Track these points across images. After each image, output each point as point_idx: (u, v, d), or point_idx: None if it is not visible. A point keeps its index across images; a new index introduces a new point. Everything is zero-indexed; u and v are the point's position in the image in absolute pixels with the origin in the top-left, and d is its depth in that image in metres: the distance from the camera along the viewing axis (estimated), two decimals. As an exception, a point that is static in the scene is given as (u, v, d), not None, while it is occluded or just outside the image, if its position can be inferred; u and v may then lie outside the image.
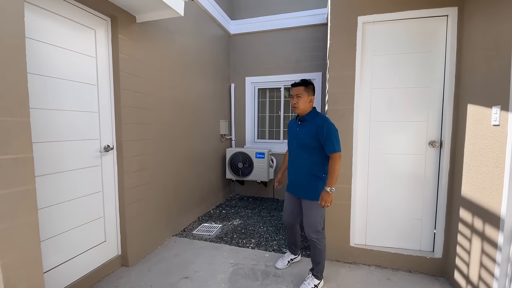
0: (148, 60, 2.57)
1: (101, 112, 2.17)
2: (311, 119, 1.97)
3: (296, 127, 2.06)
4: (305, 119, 2.00)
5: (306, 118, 1.99)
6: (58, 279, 1.84)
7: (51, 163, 1.79)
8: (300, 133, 2.00)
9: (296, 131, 2.05)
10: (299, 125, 2.04)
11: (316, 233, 1.96)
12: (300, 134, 2.00)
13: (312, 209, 1.95)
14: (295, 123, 2.10)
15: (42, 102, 1.71)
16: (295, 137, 2.04)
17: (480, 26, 1.87)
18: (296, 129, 2.05)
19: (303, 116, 2.01)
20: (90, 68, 2.07)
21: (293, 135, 2.07)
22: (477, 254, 1.82)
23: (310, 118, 1.98)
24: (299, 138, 1.99)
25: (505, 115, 1.58)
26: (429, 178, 2.29)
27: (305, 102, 1.96)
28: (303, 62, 4.24)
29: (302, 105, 1.96)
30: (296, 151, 2.04)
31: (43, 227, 1.72)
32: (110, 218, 2.29)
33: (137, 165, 2.44)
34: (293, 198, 2.14)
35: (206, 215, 3.70)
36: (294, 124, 2.11)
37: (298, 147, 2.01)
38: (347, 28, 2.31)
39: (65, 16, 1.87)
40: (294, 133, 2.06)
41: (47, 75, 1.74)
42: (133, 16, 2.34)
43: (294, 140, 2.05)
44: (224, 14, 4.25)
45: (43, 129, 1.73)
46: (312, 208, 1.95)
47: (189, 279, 2.18)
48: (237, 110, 4.66)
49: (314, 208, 1.94)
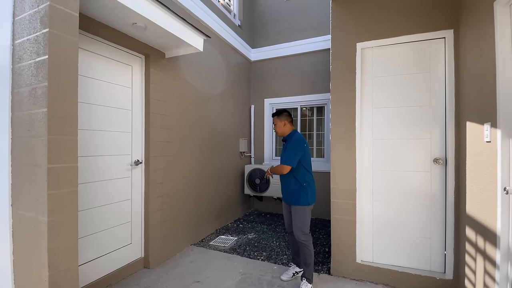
0: (175, 87, 3.01)
1: (134, 132, 2.60)
2: (288, 139, 2.39)
3: (283, 146, 2.48)
4: (286, 139, 2.42)
5: (287, 138, 2.42)
6: (90, 273, 2.18)
7: (92, 173, 2.20)
8: (283, 151, 2.41)
9: (283, 149, 2.45)
10: (283, 144, 2.47)
11: (305, 235, 2.23)
12: (283, 151, 2.41)
13: (298, 213, 2.26)
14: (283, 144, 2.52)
15: (87, 124, 2.16)
16: (282, 155, 2.41)
17: (472, 47, 1.95)
18: (283, 148, 2.45)
19: (284, 137, 2.44)
20: (126, 96, 2.53)
21: (282, 153, 2.45)
22: (481, 274, 1.77)
23: (289, 138, 2.39)
24: (283, 155, 2.38)
25: (495, 131, 1.62)
26: (436, 195, 2.28)
27: (281, 127, 2.42)
28: (319, 83, 4.45)
29: (279, 129, 2.44)
30: None
31: (81, 226, 2.10)
32: (136, 223, 2.63)
33: (161, 177, 2.81)
34: (287, 206, 2.43)
35: (224, 228, 3.92)
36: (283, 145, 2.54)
37: (283, 162, 2.34)
38: (347, 54, 2.51)
39: (109, 57, 2.36)
40: (282, 152, 2.45)
41: (92, 103, 2.21)
42: (162, 52, 2.82)
43: (282, 157, 2.41)
44: (245, 44, 4.70)
45: (86, 146, 2.16)
46: (298, 212, 2.25)
47: (200, 283, 2.39)
48: (257, 129, 4.96)
49: (300, 212, 2.25)
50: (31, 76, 1.57)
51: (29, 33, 1.59)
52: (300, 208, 2.25)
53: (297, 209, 2.26)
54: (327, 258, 2.86)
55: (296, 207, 2.26)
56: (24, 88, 1.60)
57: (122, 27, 2.25)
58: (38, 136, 1.51)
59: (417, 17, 2.30)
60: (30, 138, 1.55)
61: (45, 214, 1.46)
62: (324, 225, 4.05)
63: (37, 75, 1.54)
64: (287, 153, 2.27)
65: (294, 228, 2.27)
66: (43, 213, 1.46)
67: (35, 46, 1.56)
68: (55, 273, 1.49)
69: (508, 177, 1.53)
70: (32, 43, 1.58)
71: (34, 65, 1.56)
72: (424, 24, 2.28)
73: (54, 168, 1.49)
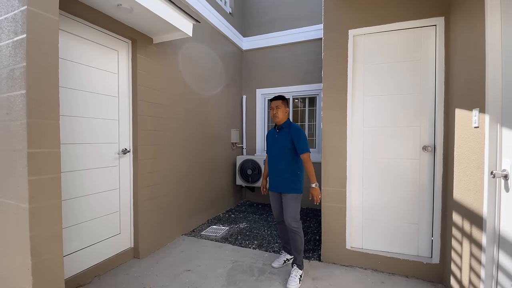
0: (163, 75, 2.92)
1: (121, 120, 2.52)
2: (287, 127, 2.34)
3: (275, 134, 2.41)
4: (283, 127, 2.35)
5: (284, 126, 2.35)
6: (77, 263, 2.13)
7: (77, 161, 2.13)
8: (279, 139, 2.35)
9: (275, 137, 2.40)
10: (277, 133, 2.38)
11: (296, 222, 2.22)
12: (279, 139, 2.35)
13: (291, 201, 2.23)
14: (274, 132, 2.45)
15: (71, 110, 2.08)
16: (275, 143, 2.38)
17: (463, 34, 1.95)
18: (275, 136, 2.40)
19: (280, 125, 2.36)
20: (112, 82, 2.44)
21: (273, 141, 2.42)
22: (467, 257, 1.82)
23: (286, 126, 2.34)
24: (279, 143, 2.34)
25: (483, 117, 1.64)
26: (424, 182, 2.31)
27: (283, 113, 2.35)
28: (311, 73, 4.43)
29: (281, 115, 2.33)
30: (276, 154, 2.36)
31: (67, 215, 2.04)
32: (125, 213, 2.58)
33: (150, 167, 2.75)
34: (277, 195, 2.39)
35: (216, 218, 3.91)
36: (273, 133, 2.47)
37: (278, 150, 2.34)
38: (339, 41, 2.49)
39: (94, 41, 2.26)
40: (273, 140, 2.42)
41: (76, 89, 2.12)
42: (150, 38, 2.72)
43: (274, 145, 2.39)
44: (237, 33, 4.61)
45: (71, 133, 2.08)
46: (291, 200, 2.23)
47: (191, 272, 2.38)
48: (248, 120, 4.92)
49: (292, 200, 2.23)
50: (9, 57, 1.49)
51: (6, 11, 1.50)
52: (294, 196, 2.24)
53: (291, 197, 2.23)
54: (317, 245, 2.89)
55: (290, 195, 2.24)
56: (2, 69, 1.52)
57: (107, 9, 2.16)
58: (17, 120, 1.45)
59: (409, 4, 2.28)
60: (9, 121, 1.48)
61: (26, 201, 1.40)
62: (315, 214, 4.09)
63: (15, 55, 1.47)
64: (301, 142, 2.22)
65: (286, 216, 2.24)
66: (24, 200, 1.41)
67: (13, 24, 1.48)
68: (38, 262, 1.44)
69: (495, 161, 1.55)
70: (10, 21, 1.49)
71: (12, 45, 1.48)
72: (416, 11, 2.26)
73: (35, 153, 1.43)
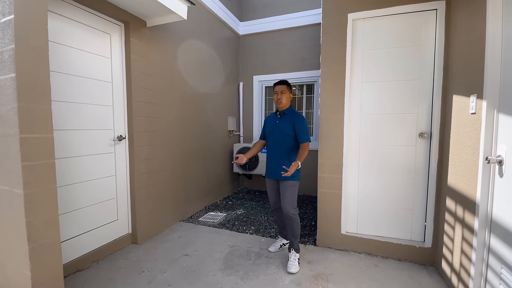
0: (158, 60, 2.85)
1: (115, 106, 2.48)
2: (290, 113, 2.29)
3: (276, 120, 2.35)
4: (285, 113, 2.30)
5: (286, 112, 2.30)
6: (75, 248, 2.15)
7: (72, 148, 2.10)
8: (280, 125, 2.29)
9: (276, 123, 2.33)
10: (279, 119, 2.33)
11: (294, 209, 2.23)
12: (280, 125, 2.29)
13: (289, 188, 2.22)
14: (274, 117, 2.39)
15: (64, 96, 2.03)
16: (275, 129, 2.32)
17: (463, 19, 1.91)
18: (276, 122, 2.33)
19: (283, 111, 2.31)
20: (105, 67, 2.38)
21: (273, 127, 2.35)
22: (459, 241, 1.86)
23: (289, 113, 2.30)
24: (280, 129, 2.28)
25: (480, 103, 1.64)
26: (420, 169, 2.33)
27: (287, 98, 2.29)
28: (309, 60, 4.36)
29: (285, 100, 2.28)
30: (275, 140, 2.32)
31: (64, 201, 2.03)
32: (122, 200, 2.58)
33: (146, 154, 2.73)
34: (274, 182, 2.37)
35: (213, 205, 3.94)
36: (273, 118, 2.40)
37: (278, 136, 2.29)
38: (338, 25, 2.43)
39: (85, 23, 2.18)
40: (274, 126, 2.35)
41: (68, 73, 2.06)
42: (143, 21, 2.64)
43: (274, 131, 2.33)
44: (233, 17, 4.49)
45: (64, 119, 2.04)
46: (290, 187, 2.22)
47: (189, 256, 2.41)
48: (245, 107, 4.88)
49: (291, 187, 2.22)
50: (-4, 39, 1.43)
51: (-8, -9, 1.43)
52: (292, 183, 2.22)
53: (289, 184, 2.22)
54: (313, 231, 2.95)
55: (288, 182, 2.22)
56: (-10, 52, 1.46)
57: (98, -11, 2.07)
58: (7, 104, 1.41)
59: (410, -13, 2.22)
60: (0, 106, 1.44)
61: (20, 187, 1.39)
62: (311, 201, 4.15)
63: (3, 37, 1.41)
64: (304, 131, 2.20)
65: (284, 203, 2.22)
66: (19, 185, 1.39)
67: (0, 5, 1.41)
68: (36, 247, 1.44)
69: (490, 147, 1.56)
70: (-4, 1, 1.42)
71: (0, 26, 1.42)
72: (417, -6, 2.21)
73: (28, 138, 1.40)
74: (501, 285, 1.44)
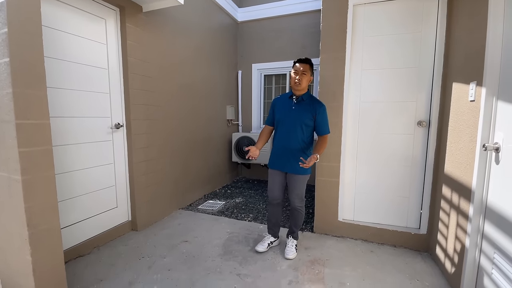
0: (155, 46, 2.80)
1: (112, 93, 2.45)
2: (309, 100, 2.06)
3: (292, 105, 2.08)
4: (303, 99, 2.06)
5: (304, 98, 2.06)
6: (76, 234, 2.18)
7: (69, 135, 2.09)
8: (297, 112, 2.05)
9: (291, 109, 2.08)
10: (295, 104, 2.07)
11: (301, 202, 2.20)
12: (297, 112, 2.05)
13: (300, 181, 2.14)
14: (288, 101, 2.11)
15: (60, 82, 2.00)
16: (290, 115, 2.07)
17: (465, 6, 1.88)
18: (292, 108, 2.08)
19: (301, 95, 2.06)
20: (101, 53, 2.33)
21: (287, 112, 2.09)
22: (453, 227, 1.90)
23: (308, 99, 2.06)
24: (297, 117, 2.04)
25: (479, 90, 1.63)
26: (417, 157, 2.35)
27: (308, 81, 2.02)
28: (309, 47, 4.29)
29: (305, 83, 2.01)
30: (290, 129, 2.08)
31: (63, 189, 2.04)
32: (121, 188, 2.60)
33: (145, 142, 2.72)
34: (280, 174, 2.19)
35: (212, 194, 3.98)
36: (286, 102, 2.12)
37: (293, 125, 2.06)
38: (338, 11, 2.38)
39: (79, 7, 2.13)
40: (288, 111, 2.09)
41: (63, 59, 2.03)
42: (139, 6, 2.57)
43: (288, 118, 2.08)
44: (232, 3, 4.38)
45: (61, 106, 2.02)
46: (301, 181, 2.14)
47: (188, 243, 2.45)
48: (244, 96, 4.84)
49: (302, 181, 2.14)
50: (-13, 23, 1.39)
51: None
52: (305, 177, 2.12)
53: (302, 178, 2.11)
54: (311, 218, 2.99)
55: (302, 176, 2.10)
56: (-18, 36, 1.42)
57: (91, -28, 2.01)
58: (2, 89, 1.39)
59: (413, -29, 2.17)
60: (-7, 92, 1.42)
61: (18, 173, 1.39)
62: (309, 189, 4.15)
63: (-5, 20, 1.37)
64: (326, 122, 2.05)
65: (293, 195, 2.14)
66: (16, 172, 1.39)
67: (-11, -13, 1.37)
68: (35, 232, 1.46)
69: (488, 134, 1.56)
70: (-15, -17, 1.37)
71: (-9, 9, 1.38)
72: (420, -21, 2.15)
73: (24, 124, 1.39)
74: (493, 269, 1.47)
